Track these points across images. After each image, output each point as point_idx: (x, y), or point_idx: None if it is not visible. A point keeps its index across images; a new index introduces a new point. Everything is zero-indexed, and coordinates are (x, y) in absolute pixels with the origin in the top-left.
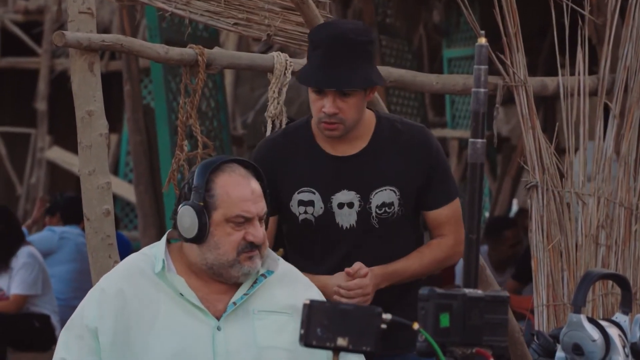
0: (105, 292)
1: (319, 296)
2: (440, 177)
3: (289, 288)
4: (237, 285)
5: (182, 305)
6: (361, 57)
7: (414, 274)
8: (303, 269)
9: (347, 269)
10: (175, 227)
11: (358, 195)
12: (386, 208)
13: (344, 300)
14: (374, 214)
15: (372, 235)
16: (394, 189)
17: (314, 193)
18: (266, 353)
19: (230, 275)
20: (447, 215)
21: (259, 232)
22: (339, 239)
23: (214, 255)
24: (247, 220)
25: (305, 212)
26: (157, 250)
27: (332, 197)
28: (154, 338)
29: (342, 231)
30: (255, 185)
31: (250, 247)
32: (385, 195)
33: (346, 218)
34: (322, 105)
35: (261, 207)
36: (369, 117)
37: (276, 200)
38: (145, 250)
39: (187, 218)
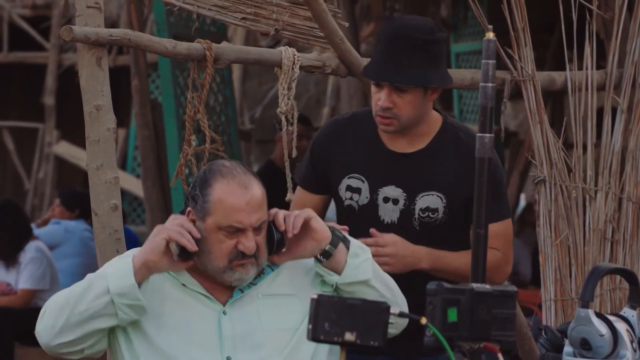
0: None
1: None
2: (491, 195)
3: (293, 270)
4: None
5: (188, 292)
6: (421, 55)
7: (458, 269)
8: None
9: (372, 230)
10: None
11: (405, 194)
12: (430, 213)
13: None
14: (416, 216)
15: (412, 237)
16: (441, 195)
17: (363, 181)
18: (271, 335)
19: (223, 279)
20: (495, 232)
21: (250, 243)
22: (378, 232)
23: (207, 259)
24: (240, 230)
25: (351, 199)
26: None
27: (380, 189)
28: (164, 324)
29: (382, 225)
30: (255, 194)
31: (242, 256)
32: (430, 200)
33: (389, 213)
34: (378, 98)
35: (256, 218)
36: (435, 119)
37: (326, 180)
38: None
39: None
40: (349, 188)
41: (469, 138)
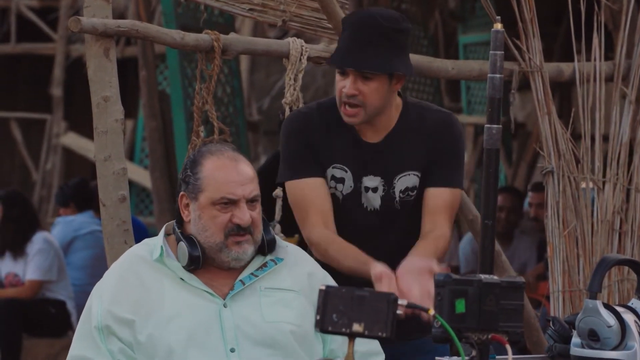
0: (102, 287)
1: (323, 274)
2: (450, 160)
3: (295, 268)
4: (241, 268)
5: (187, 288)
6: (386, 42)
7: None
8: None
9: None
10: (176, 219)
11: (382, 181)
12: (409, 192)
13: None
14: (397, 198)
15: (393, 217)
16: (417, 173)
17: (346, 171)
18: (273, 327)
19: (221, 259)
20: (445, 200)
21: (244, 215)
22: (362, 218)
23: (203, 238)
24: (233, 203)
25: (335, 188)
26: (156, 240)
27: (362, 178)
28: (167, 320)
29: (365, 212)
30: (245, 167)
31: (237, 230)
32: (408, 180)
33: (371, 201)
34: (343, 86)
35: (249, 189)
36: (397, 104)
37: (320, 163)
38: (146, 240)
39: (181, 251)
40: (334, 178)
41: (432, 113)
